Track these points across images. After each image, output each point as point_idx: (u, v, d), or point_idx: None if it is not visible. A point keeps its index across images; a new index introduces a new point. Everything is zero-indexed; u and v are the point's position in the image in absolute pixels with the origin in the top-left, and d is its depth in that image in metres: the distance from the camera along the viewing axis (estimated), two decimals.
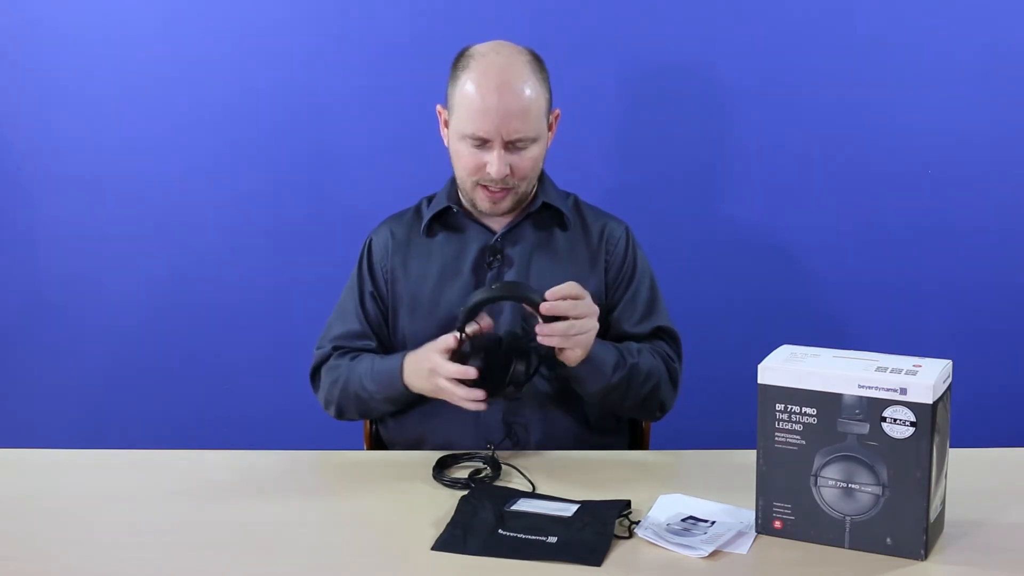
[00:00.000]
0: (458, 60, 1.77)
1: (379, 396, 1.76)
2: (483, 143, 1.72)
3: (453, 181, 1.86)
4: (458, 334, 1.62)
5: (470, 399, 1.61)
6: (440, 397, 1.66)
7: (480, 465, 1.62)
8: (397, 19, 2.28)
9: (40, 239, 2.41)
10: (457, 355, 1.62)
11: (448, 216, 1.85)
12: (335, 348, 1.83)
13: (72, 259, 2.41)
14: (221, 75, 2.32)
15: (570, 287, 1.60)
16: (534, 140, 1.74)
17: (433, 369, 1.63)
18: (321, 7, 2.29)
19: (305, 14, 2.29)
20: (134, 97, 2.33)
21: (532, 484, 1.55)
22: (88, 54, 2.32)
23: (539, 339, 1.60)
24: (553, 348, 1.63)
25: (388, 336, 1.86)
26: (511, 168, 1.72)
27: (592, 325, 1.62)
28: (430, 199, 1.90)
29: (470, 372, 1.59)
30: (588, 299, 1.62)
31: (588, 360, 1.66)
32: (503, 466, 1.61)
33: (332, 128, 2.33)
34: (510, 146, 1.72)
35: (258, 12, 2.29)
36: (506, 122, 1.70)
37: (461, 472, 1.58)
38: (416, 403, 1.79)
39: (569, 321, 1.59)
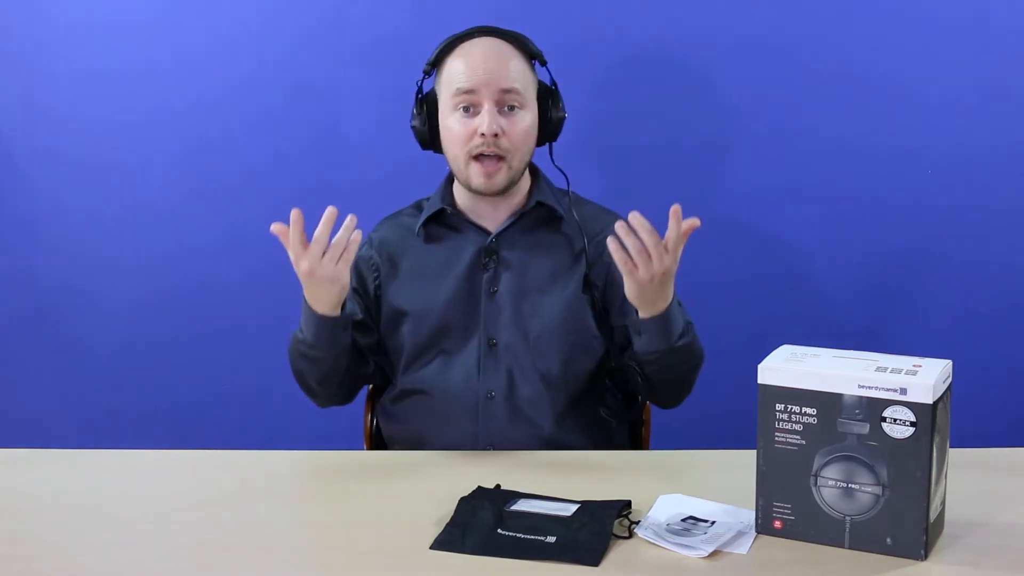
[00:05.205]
0: (441, 49, 1.80)
1: (310, 338, 1.72)
2: (473, 106, 1.74)
3: (446, 183, 1.86)
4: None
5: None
6: (324, 273, 1.62)
7: None
8: (398, 19, 2.28)
9: (40, 239, 2.41)
10: None
11: (443, 217, 1.85)
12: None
13: (72, 260, 2.41)
14: (222, 76, 2.32)
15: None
16: (523, 105, 1.75)
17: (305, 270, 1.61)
18: (323, 5, 2.29)
19: (306, 13, 2.29)
20: (134, 97, 2.33)
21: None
22: (88, 53, 2.32)
23: (611, 248, 1.56)
24: None
25: (377, 332, 1.85)
26: (502, 129, 1.73)
27: (671, 266, 1.58)
28: (424, 201, 1.90)
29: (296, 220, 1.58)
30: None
31: (661, 315, 1.64)
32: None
33: (333, 129, 2.33)
34: (501, 105, 1.73)
35: (259, 11, 2.30)
36: (494, 74, 1.73)
37: None
38: (415, 402, 1.79)
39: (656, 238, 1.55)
